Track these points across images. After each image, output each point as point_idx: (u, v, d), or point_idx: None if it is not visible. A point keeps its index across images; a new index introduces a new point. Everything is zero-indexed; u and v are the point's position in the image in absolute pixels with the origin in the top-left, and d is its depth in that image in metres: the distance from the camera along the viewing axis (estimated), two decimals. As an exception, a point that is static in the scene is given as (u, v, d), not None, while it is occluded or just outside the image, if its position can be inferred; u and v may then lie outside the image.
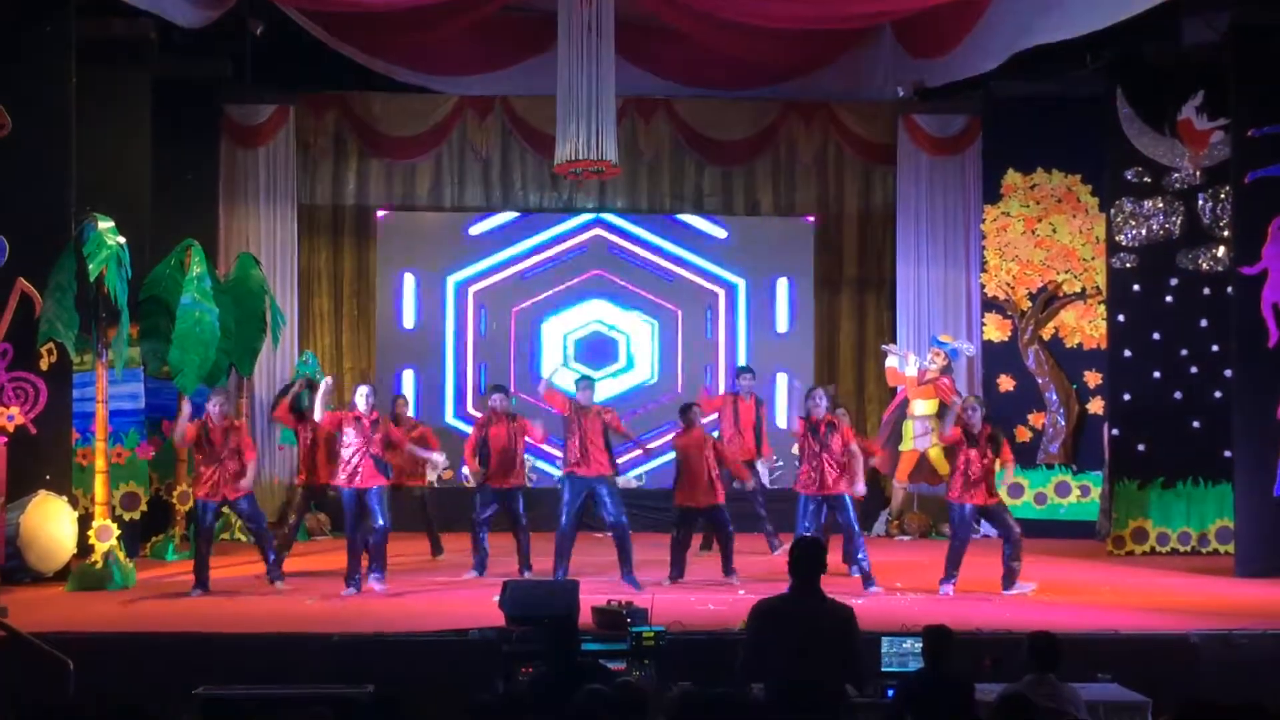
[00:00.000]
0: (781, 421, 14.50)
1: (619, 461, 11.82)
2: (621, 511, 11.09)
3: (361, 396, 10.92)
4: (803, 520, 10.83)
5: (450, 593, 10.79)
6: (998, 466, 10.84)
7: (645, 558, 11.47)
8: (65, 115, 11.40)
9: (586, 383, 11.44)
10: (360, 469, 10.77)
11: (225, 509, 11.41)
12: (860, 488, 11.02)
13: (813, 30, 14.02)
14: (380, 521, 10.77)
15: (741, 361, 14.81)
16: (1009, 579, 10.72)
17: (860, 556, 10.85)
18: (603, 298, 15.40)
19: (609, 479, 11.21)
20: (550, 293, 15.34)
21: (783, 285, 15.49)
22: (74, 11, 11.44)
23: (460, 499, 14.12)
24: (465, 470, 12.54)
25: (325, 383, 11.17)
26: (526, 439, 11.71)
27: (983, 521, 11.59)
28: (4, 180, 11.14)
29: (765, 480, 13.18)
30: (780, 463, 14.05)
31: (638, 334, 15.43)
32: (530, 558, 11.48)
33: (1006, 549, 10.78)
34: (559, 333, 15.34)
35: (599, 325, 15.40)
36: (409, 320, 15.32)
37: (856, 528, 10.96)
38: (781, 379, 14.76)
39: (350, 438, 10.80)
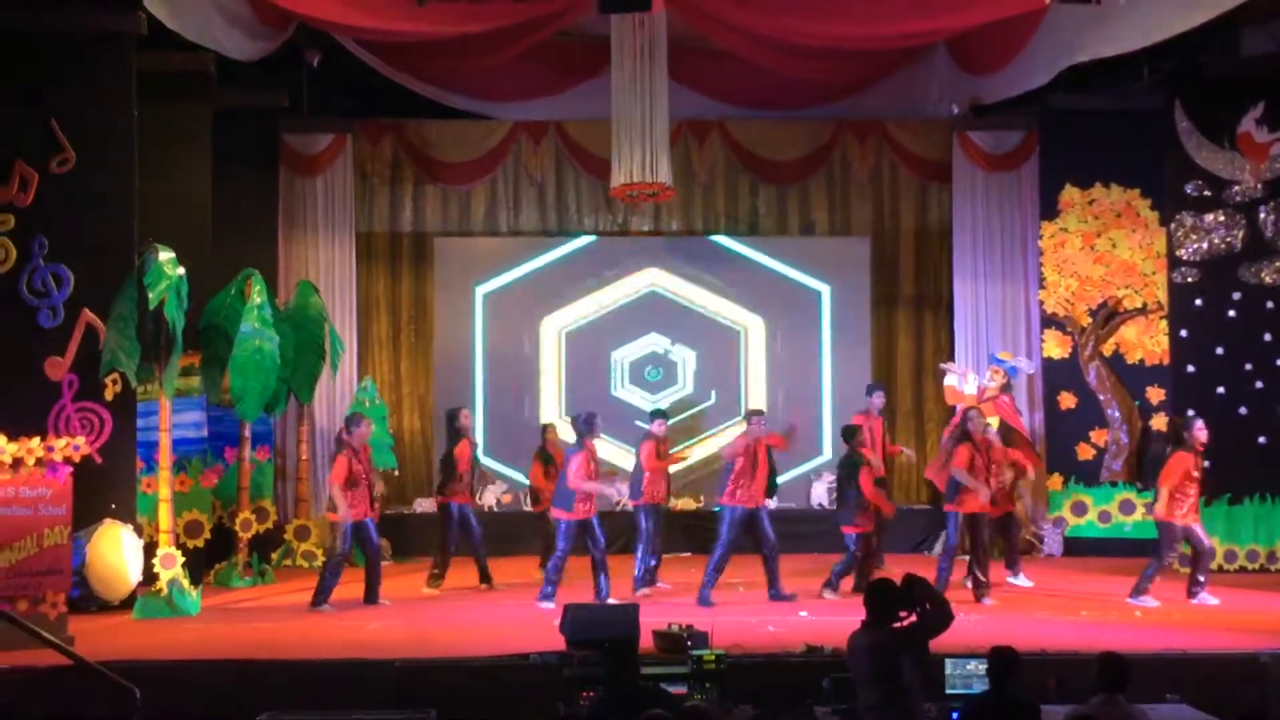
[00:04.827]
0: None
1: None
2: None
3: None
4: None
5: (511, 616, 10.80)
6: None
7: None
8: (128, 148, 11.55)
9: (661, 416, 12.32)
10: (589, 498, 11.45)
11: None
12: None
13: (865, 49, 14.00)
14: (603, 541, 11.45)
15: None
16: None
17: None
18: (659, 319, 15.41)
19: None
20: (606, 315, 15.38)
21: (839, 304, 15.44)
22: (135, 46, 11.60)
23: (510, 523, 14.19)
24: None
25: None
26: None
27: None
28: (69, 213, 11.31)
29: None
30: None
31: (694, 356, 15.42)
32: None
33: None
34: (616, 355, 15.37)
35: (656, 347, 15.41)
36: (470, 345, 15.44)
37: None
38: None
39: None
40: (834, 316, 15.46)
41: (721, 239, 15.57)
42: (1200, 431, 11.26)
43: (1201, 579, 11.28)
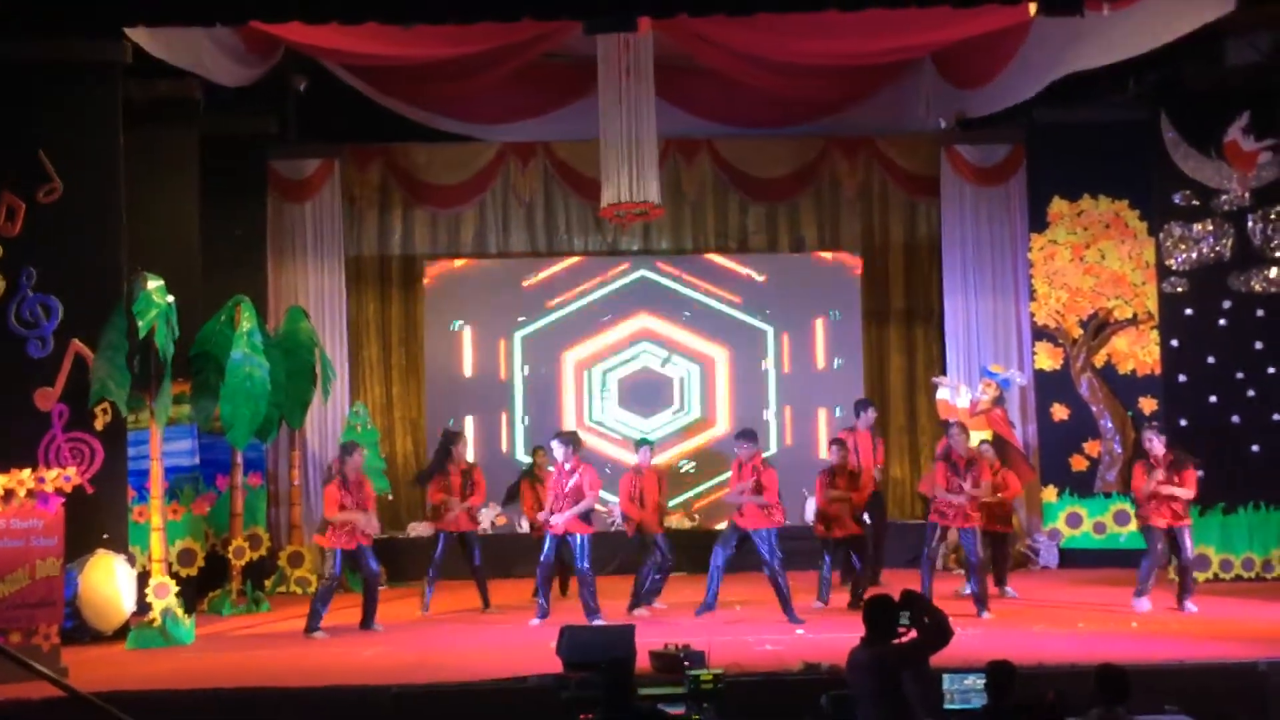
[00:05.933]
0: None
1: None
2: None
3: (559, 449, 11.49)
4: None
5: (507, 640, 10.76)
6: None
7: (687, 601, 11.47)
8: (115, 177, 11.54)
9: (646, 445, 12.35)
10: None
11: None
12: None
13: (851, 66, 14.03)
14: (586, 565, 11.35)
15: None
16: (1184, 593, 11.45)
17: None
18: (650, 340, 15.38)
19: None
20: (597, 336, 15.36)
21: (830, 321, 15.43)
22: (121, 73, 11.60)
23: (511, 546, 14.11)
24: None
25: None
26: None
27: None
28: (56, 242, 11.28)
29: None
30: None
31: (686, 375, 15.40)
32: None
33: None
34: (607, 376, 15.35)
35: (647, 367, 15.39)
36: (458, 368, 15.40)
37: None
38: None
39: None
40: (823, 334, 15.43)
41: (712, 257, 15.56)
42: (1146, 443, 11.68)
43: (1186, 589, 11.44)
